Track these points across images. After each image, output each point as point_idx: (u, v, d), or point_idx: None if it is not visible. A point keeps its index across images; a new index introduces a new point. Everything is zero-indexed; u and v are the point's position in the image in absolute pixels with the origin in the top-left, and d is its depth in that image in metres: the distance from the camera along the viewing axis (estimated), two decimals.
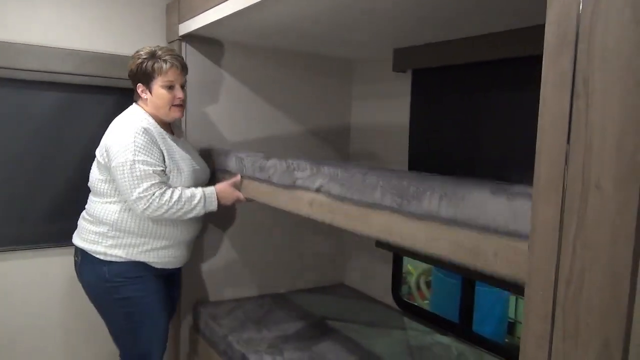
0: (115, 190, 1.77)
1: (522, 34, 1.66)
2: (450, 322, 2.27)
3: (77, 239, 1.86)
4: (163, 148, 1.79)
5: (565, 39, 0.71)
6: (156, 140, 1.77)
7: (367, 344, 2.05)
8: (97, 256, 1.79)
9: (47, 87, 2.15)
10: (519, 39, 1.68)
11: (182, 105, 1.87)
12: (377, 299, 2.61)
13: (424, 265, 4.29)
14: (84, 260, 1.83)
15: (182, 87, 1.87)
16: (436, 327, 2.27)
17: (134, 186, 1.68)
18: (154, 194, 1.70)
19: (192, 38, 2.25)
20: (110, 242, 1.79)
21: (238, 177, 1.90)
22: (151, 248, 1.83)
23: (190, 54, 2.27)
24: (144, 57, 1.81)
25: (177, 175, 1.82)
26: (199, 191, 1.82)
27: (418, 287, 4.48)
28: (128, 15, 2.29)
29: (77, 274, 1.89)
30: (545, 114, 0.75)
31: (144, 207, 1.70)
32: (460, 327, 2.20)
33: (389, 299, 2.55)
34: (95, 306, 1.88)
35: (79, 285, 1.89)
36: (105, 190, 1.80)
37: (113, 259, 1.79)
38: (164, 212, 1.74)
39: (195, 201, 1.80)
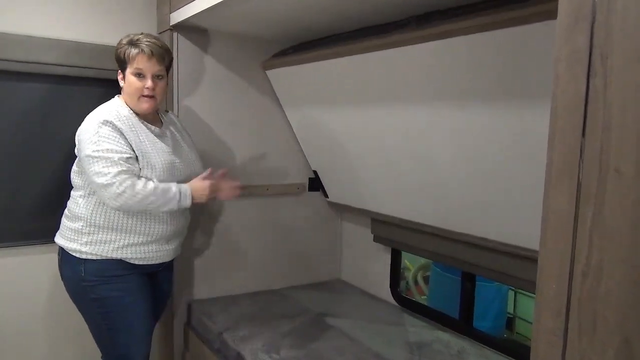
0: (87, 183, 1.71)
1: None
2: (450, 318, 2.23)
3: (58, 237, 1.81)
4: (132, 140, 1.69)
5: (581, 11, 0.66)
6: (122, 131, 1.67)
7: (366, 340, 2.00)
8: (74, 254, 1.73)
9: (30, 78, 2.09)
10: None
11: (152, 97, 1.73)
12: (375, 295, 2.57)
13: (422, 261, 4.25)
14: (64, 259, 1.77)
15: (158, 77, 1.74)
16: (435, 323, 2.23)
17: (101, 174, 1.61)
18: (123, 182, 1.61)
19: (183, 28, 2.19)
20: (85, 238, 1.73)
21: (209, 170, 1.85)
22: (127, 244, 1.74)
23: (182, 44, 2.22)
24: (124, 43, 1.73)
25: (149, 170, 1.71)
26: (173, 186, 1.72)
27: (416, 282, 4.44)
28: (115, 4, 2.23)
29: (59, 272, 1.83)
30: (559, 94, 0.70)
31: (114, 195, 1.61)
32: (460, 322, 2.16)
33: (387, 295, 2.51)
34: (75, 305, 1.82)
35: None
36: (79, 183, 1.75)
37: (89, 257, 1.72)
38: (136, 203, 1.64)
39: (170, 195, 1.69)
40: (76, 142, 1.72)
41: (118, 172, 1.61)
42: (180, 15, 2.06)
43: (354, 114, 2.06)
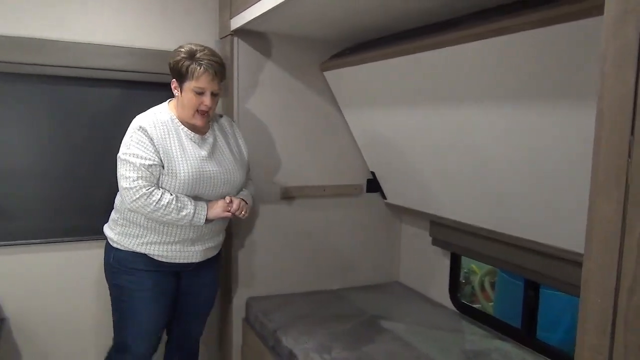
0: None
1: None
2: (512, 327, 2.12)
3: (105, 225, 1.97)
4: (161, 146, 1.75)
5: (629, 3, 0.60)
6: (153, 138, 1.74)
7: (420, 346, 1.96)
8: (109, 241, 1.90)
9: (101, 84, 2.23)
10: None
11: (207, 113, 1.79)
12: (434, 300, 2.50)
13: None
14: (106, 244, 1.93)
15: (215, 94, 1.79)
16: (496, 331, 2.13)
17: (124, 177, 1.73)
18: (140, 189, 1.70)
19: (243, 33, 2.25)
20: (118, 229, 1.87)
21: (228, 199, 1.86)
22: (152, 241, 1.84)
23: (242, 48, 2.28)
24: (183, 55, 1.76)
25: (171, 177, 1.76)
26: (190, 204, 1.77)
27: (482, 288, 4.28)
28: (183, 13, 2.34)
29: None
30: (606, 94, 0.65)
31: (131, 200, 1.72)
32: (523, 333, 2.05)
33: (446, 300, 2.44)
34: None
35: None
36: None
37: (118, 247, 1.87)
38: (150, 212, 1.73)
39: (184, 213, 1.75)
40: None
41: (137, 178, 1.70)
42: (240, 20, 2.12)
43: (410, 114, 2.02)
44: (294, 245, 2.53)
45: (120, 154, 1.76)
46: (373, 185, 2.66)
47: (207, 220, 1.81)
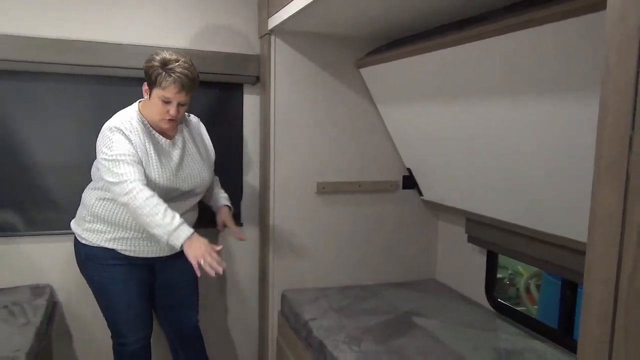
0: (99, 178, 1.84)
1: None
2: (549, 328, 2.07)
3: (72, 220, 2.04)
4: (142, 150, 1.78)
5: None
6: (130, 139, 1.76)
7: (452, 343, 1.95)
8: (77, 237, 1.96)
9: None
10: None
11: (173, 121, 1.82)
12: (470, 298, 2.47)
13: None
14: (75, 240, 1.99)
15: (183, 104, 1.81)
16: (532, 331, 2.09)
17: (114, 174, 1.71)
18: (130, 183, 1.67)
19: (280, 31, 2.31)
20: (85, 225, 1.92)
21: (219, 248, 1.73)
22: (119, 237, 1.88)
23: (279, 46, 2.34)
24: (156, 62, 1.75)
25: (148, 183, 1.77)
26: (176, 219, 1.67)
27: (527, 291, 4.16)
28: (223, 13, 2.43)
29: None
30: (609, 84, 0.64)
31: (120, 193, 1.68)
32: (560, 333, 2.00)
33: (482, 299, 2.40)
34: None
35: None
36: (95, 176, 1.94)
37: (86, 242, 1.92)
38: (133, 209, 1.68)
39: (164, 220, 1.65)
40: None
41: (129, 172, 1.69)
42: (277, 19, 2.18)
43: (445, 110, 2.01)
44: (329, 240, 2.57)
45: (103, 156, 1.74)
46: (409, 181, 2.66)
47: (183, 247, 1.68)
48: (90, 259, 1.94)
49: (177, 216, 1.69)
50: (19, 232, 2.27)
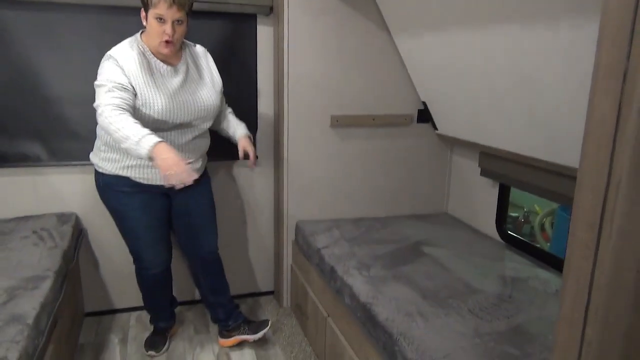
0: None
1: None
2: (556, 258, 2.11)
3: (90, 152, 2.10)
4: (132, 77, 1.81)
5: None
6: (123, 68, 1.80)
7: (459, 269, 2.01)
8: (95, 167, 2.04)
9: None
10: None
11: (171, 42, 1.82)
12: (480, 230, 2.52)
13: (554, 206, 3.98)
14: (94, 170, 2.07)
15: (178, 22, 1.80)
16: (540, 261, 2.13)
17: (98, 98, 1.78)
18: (107, 106, 1.71)
19: None
20: (102, 155, 1.99)
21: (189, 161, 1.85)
22: (130, 165, 1.94)
23: (292, 5, 2.30)
24: None
25: (146, 109, 1.84)
26: (141, 131, 1.67)
27: (542, 229, 4.20)
28: None
29: None
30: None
31: (98, 114, 1.73)
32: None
33: (493, 231, 2.44)
34: None
35: None
36: None
37: (103, 171, 2.00)
38: (106, 125, 1.70)
39: (131, 133, 1.65)
40: None
41: (107, 97, 1.73)
42: None
43: (463, 38, 1.96)
44: (342, 173, 2.61)
45: (96, 82, 1.82)
46: (424, 115, 2.64)
47: (151, 158, 1.67)
48: (108, 187, 2.02)
49: (144, 129, 1.69)
50: (43, 162, 2.35)
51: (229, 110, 2.25)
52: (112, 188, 2.01)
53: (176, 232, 2.24)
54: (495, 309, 1.70)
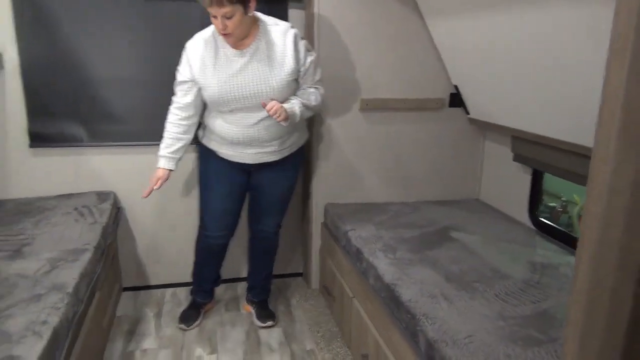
0: None
1: None
2: None
3: None
4: (195, 64, 1.98)
5: None
6: (189, 57, 1.99)
7: (487, 255, 1.99)
8: (198, 137, 2.24)
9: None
10: None
11: (228, 34, 1.87)
12: (513, 217, 2.47)
13: None
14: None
15: (228, 17, 1.81)
16: (572, 249, 2.08)
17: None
18: (173, 101, 2.09)
19: None
20: (202, 127, 2.20)
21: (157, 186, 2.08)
22: (215, 140, 2.13)
23: None
24: None
25: (205, 91, 2.01)
26: (162, 150, 2.10)
27: (580, 219, 4.07)
28: None
29: None
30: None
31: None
32: None
33: (525, 218, 2.40)
34: None
35: None
36: None
37: (202, 142, 2.21)
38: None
39: (163, 140, 2.11)
40: None
41: (175, 91, 2.07)
42: None
43: (496, 21, 1.92)
44: (372, 156, 2.61)
45: None
46: (456, 99, 2.60)
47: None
48: (201, 154, 2.25)
49: (167, 148, 2.10)
50: (83, 142, 2.46)
51: (312, 90, 2.10)
52: (204, 155, 2.23)
53: (248, 207, 2.37)
54: (522, 294, 1.68)
